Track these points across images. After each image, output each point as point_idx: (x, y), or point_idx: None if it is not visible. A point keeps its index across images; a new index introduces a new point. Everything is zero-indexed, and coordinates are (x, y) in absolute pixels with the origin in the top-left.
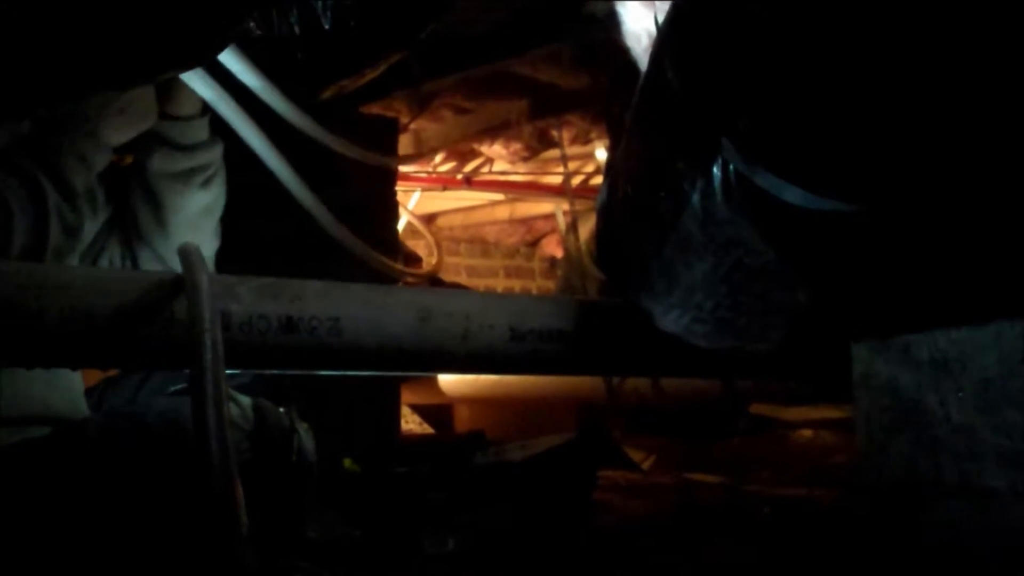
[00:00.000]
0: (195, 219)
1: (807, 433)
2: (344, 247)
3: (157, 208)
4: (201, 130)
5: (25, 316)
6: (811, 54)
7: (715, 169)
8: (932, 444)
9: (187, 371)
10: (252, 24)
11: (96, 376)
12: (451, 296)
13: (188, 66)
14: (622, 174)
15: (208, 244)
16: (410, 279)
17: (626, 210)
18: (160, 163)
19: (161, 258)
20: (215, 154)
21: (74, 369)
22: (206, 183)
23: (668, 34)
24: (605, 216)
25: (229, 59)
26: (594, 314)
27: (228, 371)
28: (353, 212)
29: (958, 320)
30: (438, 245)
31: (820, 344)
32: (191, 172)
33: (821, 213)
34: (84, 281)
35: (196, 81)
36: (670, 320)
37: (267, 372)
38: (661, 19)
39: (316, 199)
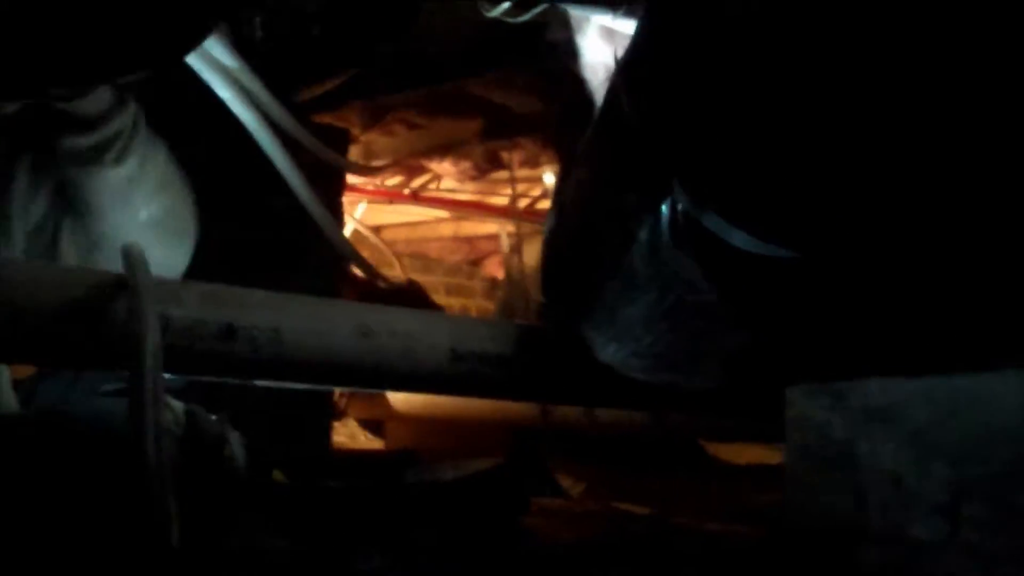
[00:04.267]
0: (121, 194)
1: (736, 469)
2: (335, 248)
3: (77, 190)
4: (101, 100)
5: None
6: (763, 103)
7: (664, 207)
8: (860, 491)
9: (124, 372)
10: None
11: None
12: (394, 313)
13: (158, 66)
14: (571, 203)
15: (147, 214)
16: (382, 284)
17: (573, 239)
18: (66, 146)
19: (105, 236)
20: (123, 121)
21: (9, 364)
22: (119, 157)
23: (626, 70)
24: (552, 243)
25: (216, 48)
26: (535, 340)
27: (165, 375)
28: (299, 217)
29: (891, 371)
30: (399, 258)
31: (756, 384)
32: (99, 149)
33: (765, 258)
34: (25, 276)
35: (208, 75)
36: (609, 352)
37: (204, 379)
38: (620, 54)
39: (311, 193)
